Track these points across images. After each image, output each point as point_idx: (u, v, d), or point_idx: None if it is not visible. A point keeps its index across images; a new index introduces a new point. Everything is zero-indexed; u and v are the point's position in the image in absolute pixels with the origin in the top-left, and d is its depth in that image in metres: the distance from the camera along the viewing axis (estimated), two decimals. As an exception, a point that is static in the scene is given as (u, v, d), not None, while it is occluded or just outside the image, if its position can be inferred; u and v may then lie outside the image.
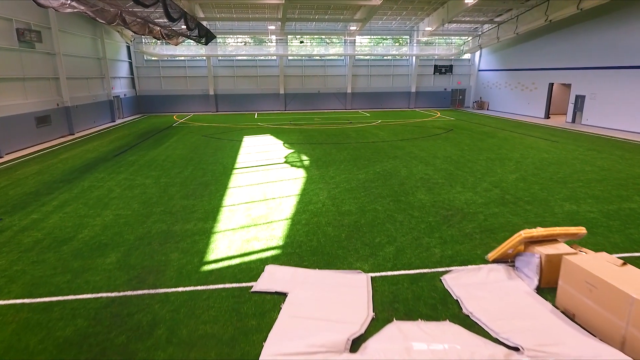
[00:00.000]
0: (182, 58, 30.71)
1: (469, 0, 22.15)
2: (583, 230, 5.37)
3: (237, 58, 31.34)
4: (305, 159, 13.33)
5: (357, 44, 32.54)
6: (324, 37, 32.94)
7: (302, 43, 32.63)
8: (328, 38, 32.98)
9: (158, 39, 19.65)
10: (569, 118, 23.58)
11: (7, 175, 11.46)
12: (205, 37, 21.31)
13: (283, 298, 4.85)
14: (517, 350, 3.90)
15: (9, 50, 15.49)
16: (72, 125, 19.55)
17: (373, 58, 33.10)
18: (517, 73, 28.30)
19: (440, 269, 5.62)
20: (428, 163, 12.39)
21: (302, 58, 32.21)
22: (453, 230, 7.03)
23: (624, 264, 4.32)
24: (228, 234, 6.99)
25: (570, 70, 23.26)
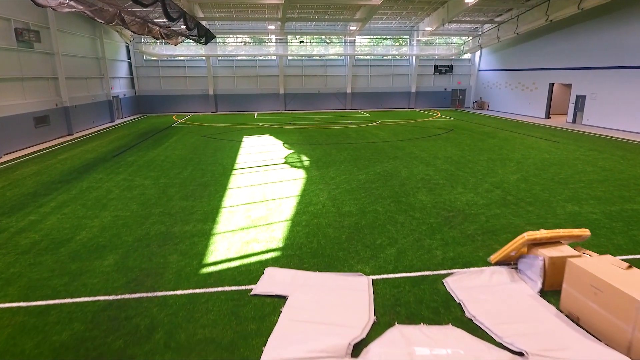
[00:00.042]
0: (181, 58, 30.64)
1: (469, 0, 22.08)
2: (587, 233, 5.31)
3: (236, 58, 31.27)
4: (305, 160, 13.26)
5: (357, 44, 32.47)
6: (324, 37, 32.87)
7: (301, 43, 32.55)
8: (328, 38, 32.91)
9: (157, 39, 19.58)
10: (570, 118, 23.52)
11: (5, 176, 11.39)
12: (205, 37, 21.25)
13: (283, 301, 4.78)
14: (521, 355, 3.83)
15: (8, 50, 15.41)
16: (71, 126, 19.48)
17: (373, 58, 33.04)
18: (517, 73, 28.24)
19: (442, 272, 5.56)
20: (429, 163, 12.32)
21: (302, 58, 32.15)
22: (455, 232, 6.96)
23: (630, 267, 4.26)
24: (227, 236, 6.92)
25: (571, 70, 23.20)
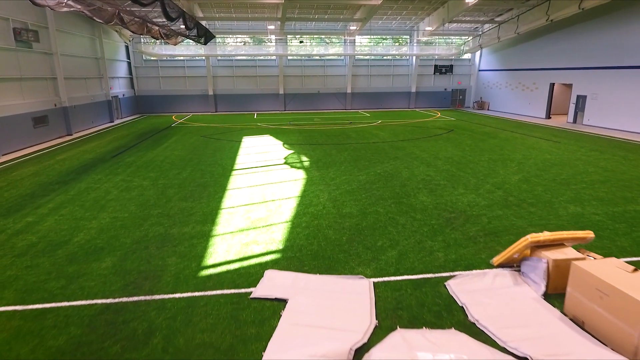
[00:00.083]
0: (181, 58, 30.56)
1: (470, 0, 22.01)
2: (591, 235, 5.24)
3: (236, 58, 31.20)
4: (305, 160, 13.19)
5: (357, 44, 32.41)
6: (324, 36, 32.80)
7: (301, 43, 32.47)
8: (328, 38, 32.83)
9: (157, 39, 19.50)
10: (570, 118, 23.46)
11: (3, 177, 11.30)
12: (204, 36, 21.18)
13: (283, 305, 4.71)
14: (525, 360, 3.77)
15: (6, 50, 15.33)
16: (70, 126, 19.40)
17: (373, 58, 32.97)
18: (517, 73, 28.17)
19: (445, 274, 5.48)
20: (429, 164, 12.25)
21: (301, 58, 32.08)
22: (456, 234, 6.89)
23: (635, 270, 4.19)
24: (227, 238, 6.84)
25: (572, 70, 23.14)
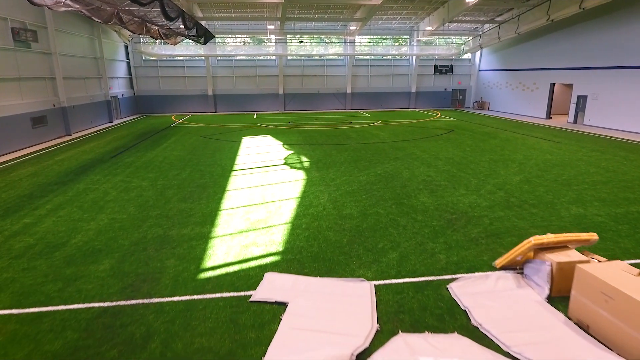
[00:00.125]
0: (180, 58, 30.48)
1: (470, 0, 21.95)
2: (595, 237, 5.17)
3: (236, 58, 31.12)
4: (305, 161, 13.12)
5: (356, 44, 32.34)
6: (324, 36, 32.73)
7: (301, 43, 32.40)
8: (328, 38, 32.76)
9: (156, 39, 19.43)
10: (571, 118, 23.40)
11: (1, 177, 11.22)
12: (204, 36, 21.10)
13: (283, 308, 4.64)
14: (530, 366, 3.70)
15: (4, 50, 15.26)
16: (68, 126, 19.33)
17: (373, 58, 32.90)
18: (518, 73, 28.11)
19: (447, 277, 5.42)
20: (430, 164, 12.18)
21: (301, 58, 32.01)
22: (458, 235, 6.82)
23: (641, 273, 4.12)
24: (226, 239, 6.78)
25: (572, 70, 23.08)
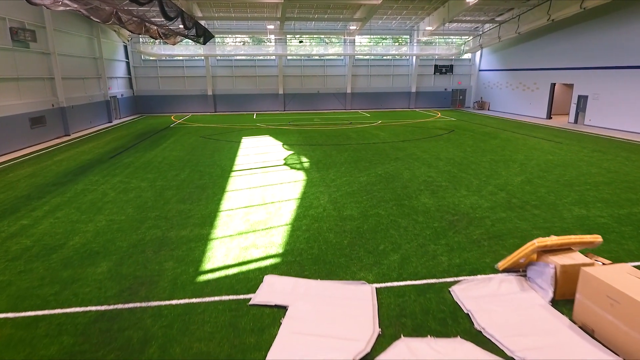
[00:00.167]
0: (180, 58, 30.40)
1: (470, 0, 21.88)
2: (599, 239, 5.10)
3: (235, 58, 31.04)
4: (305, 161, 13.05)
5: (356, 44, 32.27)
6: (324, 36, 32.65)
7: (301, 43, 32.32)
8: (327, 38, 32.68)
9: (155, 39, 19.35)
10: (572, 118, 23.33)
11: (-2, 178, 11.16)
12: (204, 36, 21.01)
13: (283, 312, 4.57)
14: (535, 371, 3.63)
15: (3, 50, 15.17)
16: (67, 126, 19.25)
17: (373, 58, 32.82)
18: (518, 73, 28.05)
19: (449, 279, 5.35)
20: (431, 165, 12.11)
21: (301, 58, 31.93)
22: (460, 237, 6.75)
23: (647, 277, 4.05)
24: (225, 241, 6.70)
25: (573, 70, 23.01)
